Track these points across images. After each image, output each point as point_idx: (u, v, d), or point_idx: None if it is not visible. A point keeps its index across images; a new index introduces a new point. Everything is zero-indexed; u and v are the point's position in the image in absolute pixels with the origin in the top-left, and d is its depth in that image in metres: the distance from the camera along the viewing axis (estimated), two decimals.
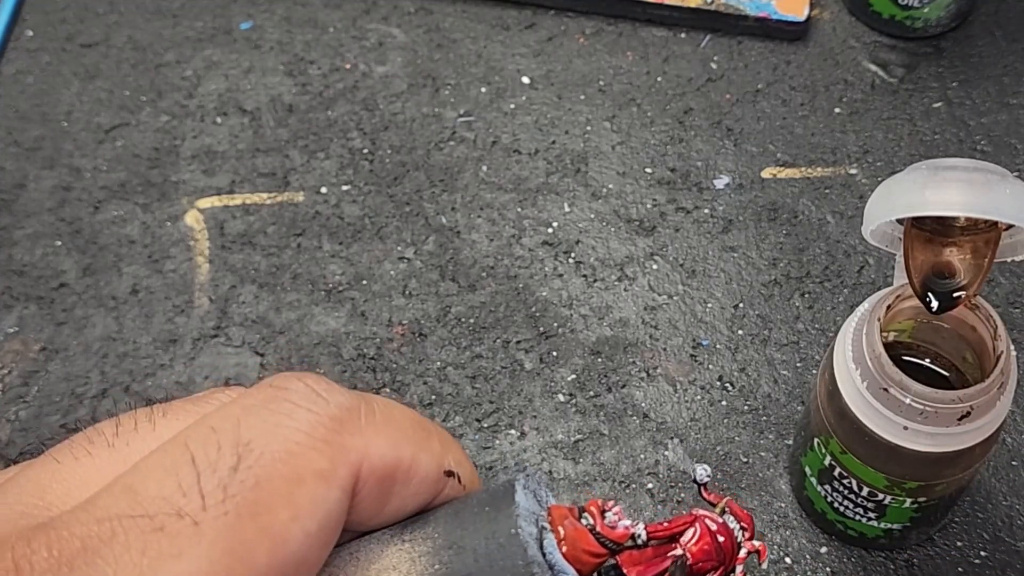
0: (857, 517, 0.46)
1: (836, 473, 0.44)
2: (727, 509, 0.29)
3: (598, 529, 0.26)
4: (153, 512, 0.23)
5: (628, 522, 0.27)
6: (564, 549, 0.26)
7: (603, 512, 0.27)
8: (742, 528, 0.29)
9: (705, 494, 0.29)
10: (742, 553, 0.28)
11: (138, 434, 0.26)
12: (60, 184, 0.61)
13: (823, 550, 0.49)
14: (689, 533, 0.28)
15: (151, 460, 0.24)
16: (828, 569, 0.49)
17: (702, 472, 0.30)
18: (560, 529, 0.26)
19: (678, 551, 0.28)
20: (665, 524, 0.28)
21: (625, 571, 0.27)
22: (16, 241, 0.59)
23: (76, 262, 0.58)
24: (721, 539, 0.28)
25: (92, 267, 0.58)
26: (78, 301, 0.57)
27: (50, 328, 0.56)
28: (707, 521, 0.28)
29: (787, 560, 0.49)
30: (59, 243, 0.59)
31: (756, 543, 0.28)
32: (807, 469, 0.47)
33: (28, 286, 0.57)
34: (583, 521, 0.27)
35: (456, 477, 0.28)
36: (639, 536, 0.27)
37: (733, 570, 0.28)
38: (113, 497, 0.23)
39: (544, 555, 0.26)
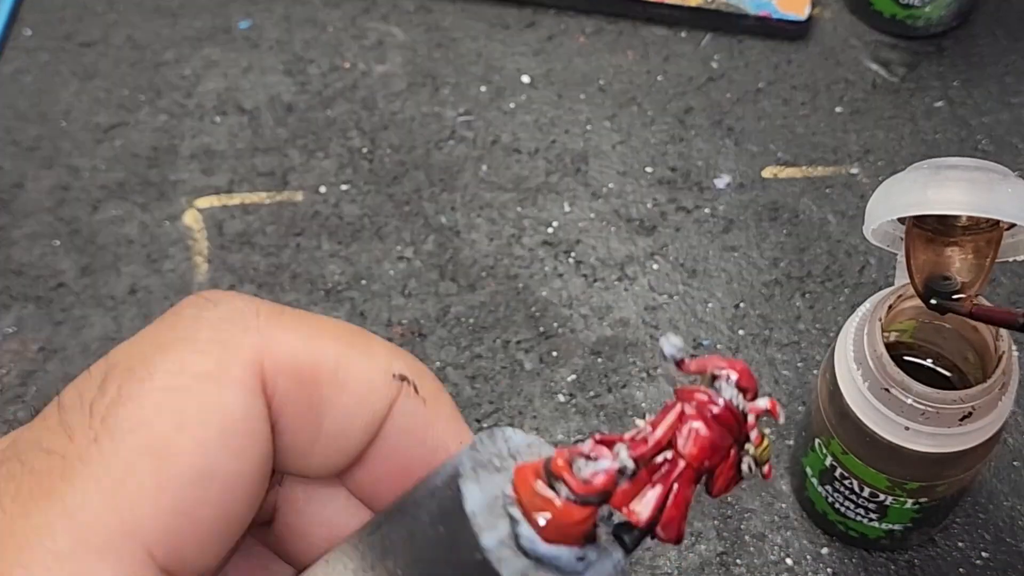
0: (858, 518, 0.46)
1: (837, 474, 0.44)
2: (716, 374, 0.23)
3: (576, 492, 0.21)
4: (24, 455, 0.21)
5: (607, 462, 0.21)
6: (546, 532, 0.21)
7: (573, 462, 0.21)
8: (741, 391, 0.23)
9: (685, 367, 0.23)
10: (751, 419, 0.23)
11: None
12: (58, 184, 0.61)
13: (824, 551, 0.49)
14: (684, 434, 0.22)
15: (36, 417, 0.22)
16: (829, 570, 0.48)
17: (670, 347, 0.22)
18: (537, 516, 0.21)
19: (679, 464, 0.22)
20: (649, 434, 0.22)
21: (625, 512, 0.21)
22: (14, 241, 0.59)
23: (74, 262, 0.58)
24: (720, 417, 0.22)
25: (90, 267, 0.58)
26: (76, 301, 0.57)
27: (48, 328, 0.56)
28: (695, 405, 0.22)
29: (788, 561, 0.49)
30: (57, 243, 0.59)
31: (763, 402, 0.23)
32: (808, 470, 0.47)
33: (26, 286, 0.57)
34: (558, 490, 0.21)
35: (411, 384, 0.24)
36: (626, 469, 0.21)
37: (748, 439, 0.23)
38: None
39: (526, 553, 0.21)
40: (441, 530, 0.21)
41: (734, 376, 0.23)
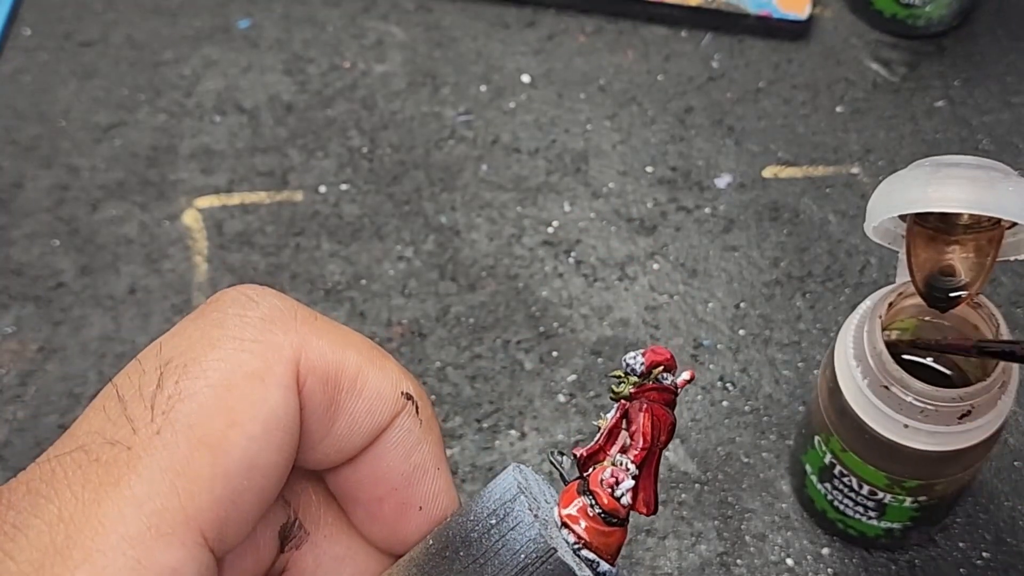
0: (857, 516, 0.46)
1: (836, 471, 0.44)
2: (652, 367, 0.26)
3: (607, 510, 0.26)
4: (87, 445, 0.23)
5: (629, 483, 0.26)
6: (597, 552, 0.25)
7: (611, 490, 0.26)
8: (669, 371, 0.26)
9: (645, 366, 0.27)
10: (680, 381, 0.27)
11: None
12: (58, 183, 0.61)
13: (825, 551, 0.49)
14: (652, 425, 0.26)
15: (89, 406, 0.24)
16: (830, 570, 0.48)
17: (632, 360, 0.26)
18: (591, 541, 0.25)
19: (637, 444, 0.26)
20: (634, 436, 0.26)
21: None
22: (13, 241, 0.59)
23: (74, 262, 0.58)
24: (669, 400, 0.26)
25: (90, 267, 0.58)
26: (76, 301, 0.57)
27: (48, 328, 0.56)
28: (650, 399, 0.26)
29: (788, 561, 0.49)
30: (57, 242, 0.59)
31: (686, 374, 0.26)
32: (808, 467, 0.47)
33: (25, 286, 0.57)
34: (592, 509, 0.26)
35: (414, 404, 0.27)
36: (637, 477, 0.26)
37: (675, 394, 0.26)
38: (53, 445, 0.24)
39: None
40: None
41: (663, 364, 0.26)
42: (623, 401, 0.26)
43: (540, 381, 0.54)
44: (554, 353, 0.54)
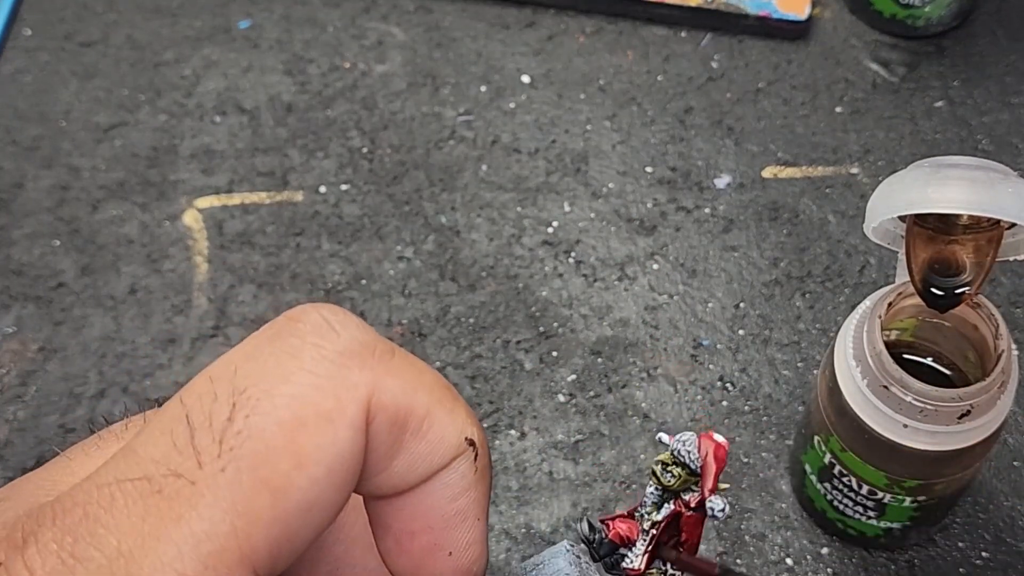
0: (857, 516, 0.46)
1: (836, 471, 0.44)
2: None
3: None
4: (151, 474, 0.23)
5: (639, 549, 0.27)
6: None
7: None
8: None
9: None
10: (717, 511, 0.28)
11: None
12: (58, 183, 0.61)
13: (824, 551, 0.49)
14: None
15: (152, 420, 0.24)
16: (829, 570, 0.48)
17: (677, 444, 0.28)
18: None
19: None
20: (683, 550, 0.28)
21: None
22: (14, 241, 0.59)
23: (74, 262, 0.58)
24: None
25: (90, 267, 0.58)
26: (76, 301, 0.57)
27: (48, 328, 0.56)
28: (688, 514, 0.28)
29: (788, 561, 0.49)
30: (57, 243, 0.59)
31: (717, 504, 0.27)
32: (807, 467, 0.47)
33: (26, 286, 0.57)
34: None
35: (474, 451, 0.26)
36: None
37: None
38: (115, 462, 0.23)
39: None
40: None
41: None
42: (679, 502, 0.27)
43: (540, 381, 0.54)
44: (554, 353, 0.55)
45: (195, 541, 0.22)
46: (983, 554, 0.49)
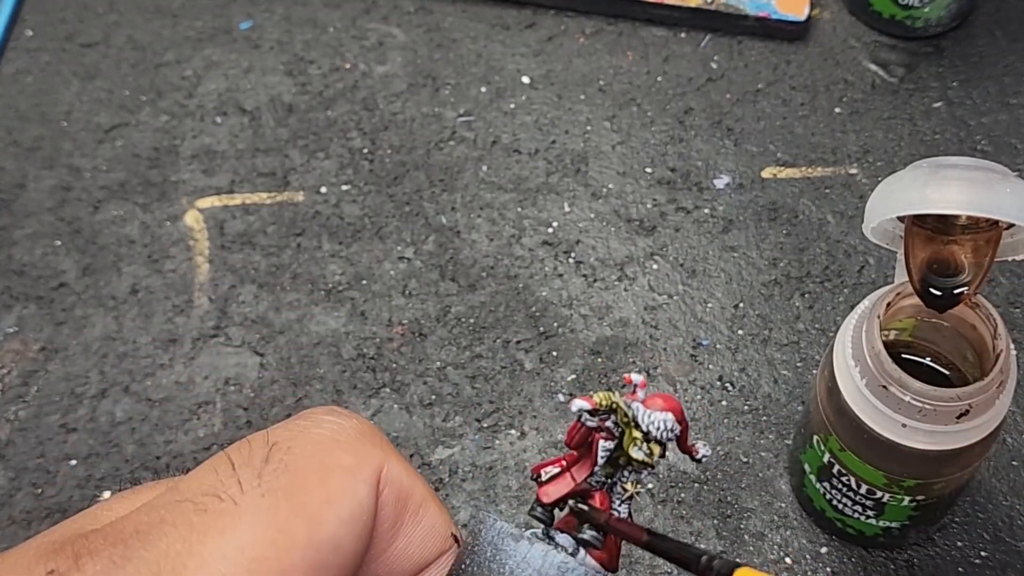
0: (856, 515, 0.46)
1: (835, 471, 0.44)
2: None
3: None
4: (195, 498, 0.25)
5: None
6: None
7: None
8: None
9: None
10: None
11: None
12: (60, 184, 0.61)
13: (823, 550, 0.49)
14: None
15: (194, 470, 0.26)
16: (828, 569, 0.49)
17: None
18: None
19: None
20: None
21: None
22: (16, 241, 0.59)
23: (76, 262, 0.58)
24: None
25: (92, 267, 0.58)
26: (78, 301, 0.57)
27: (50, 328, 0.56)
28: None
29: (787, 560, 0.49)
30: (59, 243, 0.59)
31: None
32: (806, 466, 0.47)
33: (28, 286, 0.57)
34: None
35: (460, 548, 0.29)
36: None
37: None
38: (161, 495, 0.25)
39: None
40: None
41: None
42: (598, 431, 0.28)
43: (540, 381, 0.54)
44: (554, 353, 0.55)
45: (239, 547, 0.24)
46: (982, 553, 0.49)
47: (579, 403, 0.28)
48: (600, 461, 0.28)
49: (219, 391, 0.54)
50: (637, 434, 0.28)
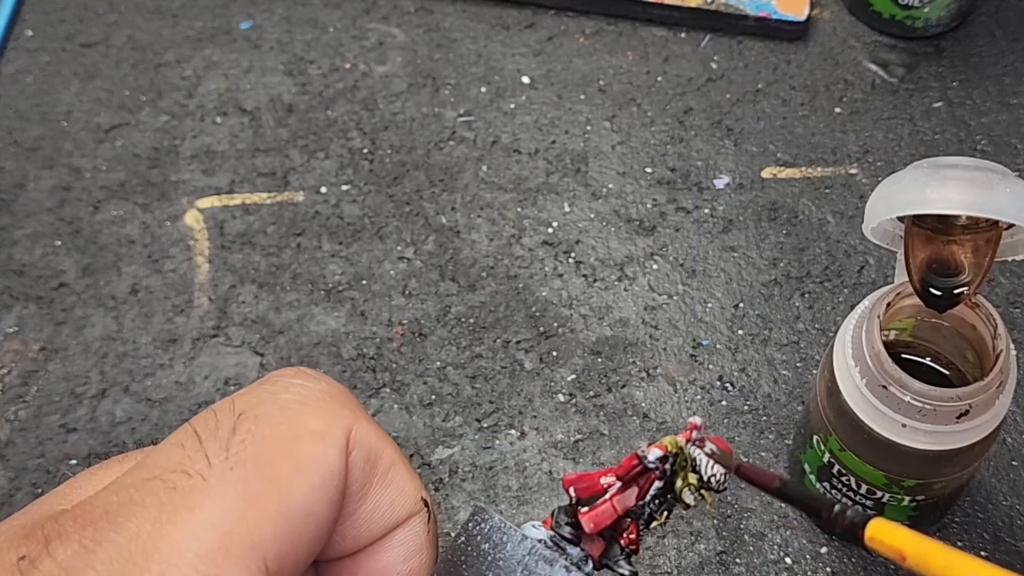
0: None
1: (835, 471, 0.44)
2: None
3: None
4: (164, 475, 0.24)
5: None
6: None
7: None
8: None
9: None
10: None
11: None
12: (60, 184, 0.61)
13: (823, 550, 0.49)
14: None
15: (161, 443, 0.26)
16: (828, 569, 0.49)
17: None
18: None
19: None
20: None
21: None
22: (16, 241, 0.59)
23: (76, 262, 0.58)
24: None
25: (92, 267, 0.58)
26: (78, 301, 0.57)
27: (49, 328, 0.56)
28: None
29: (787, 560, 0.49)
30: (59, 243, 0.59)
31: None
32: (806, 466, 0.47)
33: (28, 286, 0.57)
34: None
35: (428, 512, 0.29)
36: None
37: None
38: (129, 473, 0.25)
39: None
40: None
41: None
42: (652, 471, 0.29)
43: (540, 381, 0.54)
44: (554, 353, 0.55)
45: (210, 525, 0.24)
46: (981, 553, 0.49)
47: (655, 452, 0.28)
48: (648, 498, 0.29)
49: (219, 391, 0.54)
50: (693, 479, 0.28)
